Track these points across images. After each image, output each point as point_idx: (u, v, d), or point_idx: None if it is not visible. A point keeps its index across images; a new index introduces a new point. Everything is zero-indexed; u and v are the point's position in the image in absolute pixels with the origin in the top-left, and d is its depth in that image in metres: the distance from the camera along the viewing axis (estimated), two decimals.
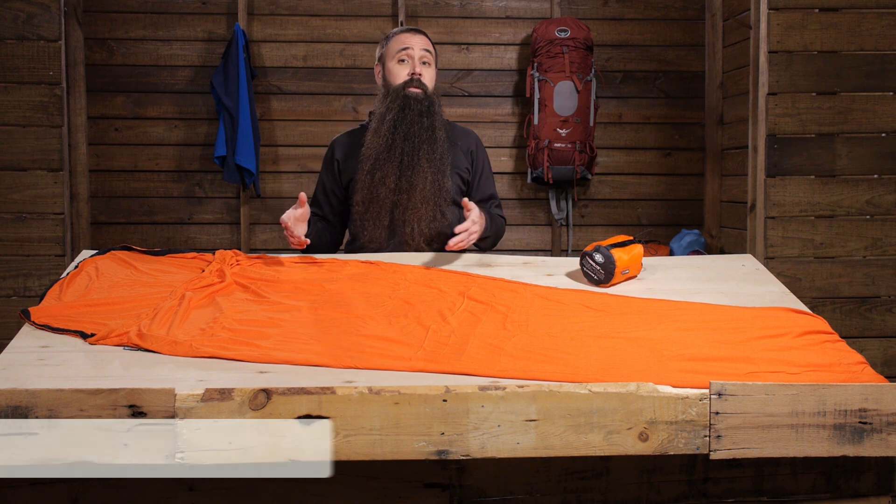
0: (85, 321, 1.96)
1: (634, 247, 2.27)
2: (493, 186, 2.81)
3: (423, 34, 2.68)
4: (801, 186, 3.40)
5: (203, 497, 1.62)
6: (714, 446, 1.56)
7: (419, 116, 2.55)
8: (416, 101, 2.56)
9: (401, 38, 2.64)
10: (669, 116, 4.55)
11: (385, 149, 2.55)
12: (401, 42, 2.62)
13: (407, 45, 2.61)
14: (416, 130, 2.54)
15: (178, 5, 4.37)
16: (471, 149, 2.75)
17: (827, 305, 3.41)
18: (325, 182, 2.74)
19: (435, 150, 2.56)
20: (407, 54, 2.59)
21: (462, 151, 2.72)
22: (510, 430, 1.54)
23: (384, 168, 2.54)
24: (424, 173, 2.54)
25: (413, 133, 2.54)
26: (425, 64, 2.62)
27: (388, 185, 2.54)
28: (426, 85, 2.60)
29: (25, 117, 3.37)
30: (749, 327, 1.92)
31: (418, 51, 2.60)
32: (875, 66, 3.41)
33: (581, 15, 4.48)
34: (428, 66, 2.63)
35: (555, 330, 1.92)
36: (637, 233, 4.42)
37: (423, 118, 2.56)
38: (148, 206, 4.40)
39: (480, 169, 2.76)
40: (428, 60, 2.63)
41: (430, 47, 2.66)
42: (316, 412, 1.51)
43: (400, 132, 2.54)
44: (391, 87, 2.61)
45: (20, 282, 3.39)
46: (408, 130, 2.54)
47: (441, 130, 2.60)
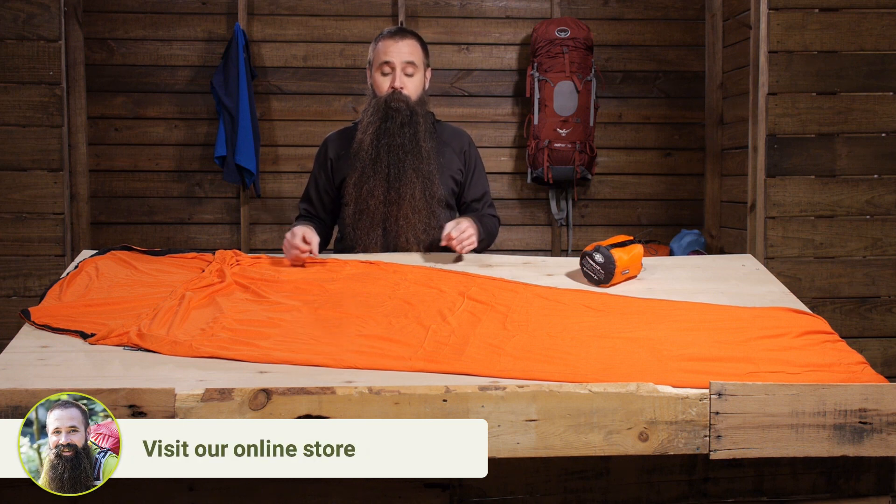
0: (85, 321, 1.96)
1: (634, 247, 2.27)
2: (485, 186, 2.79)
3: (409, 37, 2.64)
4: (801, 186, 3.40)
5: (203, 497, 1.62)
6: (714, 446, 1.56)
7: (401, 127, 2.55)
8: (397, 112, 2.56)
9: (384, 49, 2.61)
10: (669, 116, 4.55)
11: (370, 162, 2.56)
12: (384, 53, 2.60)
13: (388, 58, 2.59)
14: (399, 142, 2.55)
15: (178, 5, 4.37)
16: (464, 149, 2.74)
17: (827, 305, 3.41)
18: (319, 180, 2.74)
19: (420, 158, 2.56)
20: (389, 66, 2.59)
21: (454, 152, 2.72)
22: (510, 430, 1.54)
23: (371, 181, 2.56)
24: (412, 183, 2.55)
25: (396, 145, 2.55)
26: (409, 75, 2.60)
27: (377, 197, 2.55)
28: (408, 97, 2.59)
29: (25, 117, 3.37)
30: (749, 327, 1.92)
31: (400, 63, 2.59)
32: (875, 66, 3.40)
33: (581, 15, 4.48)
34: (412, 76, 2.61)
35: (555, 330, 1.92)
36: (637, 233, 4.42)
37: (405, 128, 2.56)
38: (148, 206, 4.40)
39: (472, 168, 2.75)
40: (412, 70, 2.60)
41: (415, 54, 2.62)
42: (316, 412, 1.51)
43: (384, 144, 2.55)
44: (375, 96, 2.62)
45: (20, 282, 3.39)
46: (391, 142, 2.55)
47: (426, 138, 2.60)
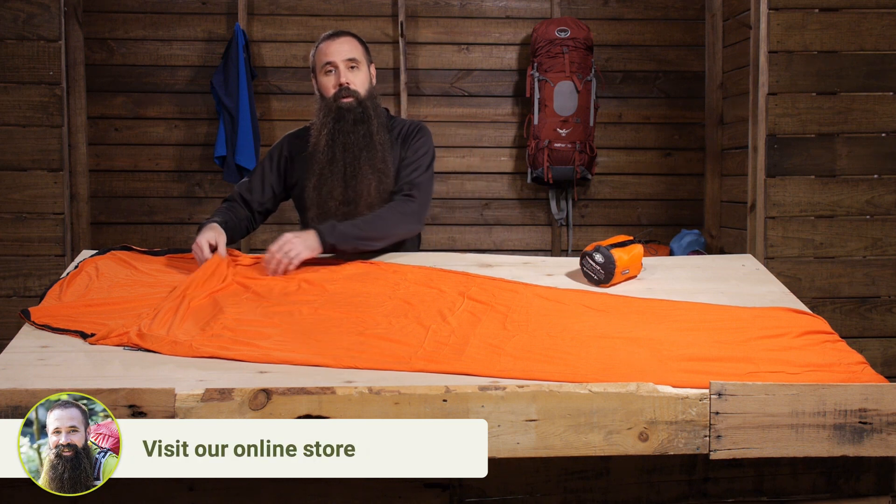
0: (85, 321, 1.96)
1: (634, 247, 2.27)
2: (412, 176, 2.60)
3: (347, 35, 2.63)
4: (801, 186, 3.40)
5: (203, 497, 1.62)
6: (714, 446, 1.56)
7: (354, 125, 2.55)
8: (348, 110, 2.55)
9: (324, 51, 2.60)
10: (669, 116, 4.55)
11: (327, 163, 2.55)
12: (324, 55, 2.59)
13: (330, 58, 2.58)
14: (353, 140, 2.54)
15: (178, 5, 4.37)
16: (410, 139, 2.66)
17: (827, 305, 3.41)
18: (267, 174, 2.69)
19: (375, 155, 2.55)
20: (332, 66, 2.59)
21: (404, 145, 2.66)
22: (510, 430, 1.54)
23: (329, 182, 2.55)
24: (368, 181, 2.54)
25: (351, 143, 2.54)
26: (352, 69, 2.60)
27: (335, 197, 2.55)
28: (356, 91, 2.57)
29: (25, 117, 3.37)
30: (749, 327, 1.92)
31: (342, 61, 2.58)
32: (875, 66, 3.40)
33: (581, 15, 4.48)
34: (356, 70, 2.59)
35: (555, 330, 1.92)
36: (637, 233, 4.42)
37: (359, 126, 2.55)
38: (148, 206, 4.40)
39: (405, 157, 2.64)
40: (355, 65, 2.59)
41: (355, 50, 2.61)
42: (316, 412, 1.51)
43: (339, 144, 2.54)
44: (324, 99, 2.61)
45: (20, 282, 3.39)
46: (346, 141, 2.54)
47: (380, 133, 2.58)
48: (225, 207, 2.64)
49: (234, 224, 2.55)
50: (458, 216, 4.54)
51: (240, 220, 2.61)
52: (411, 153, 2.63)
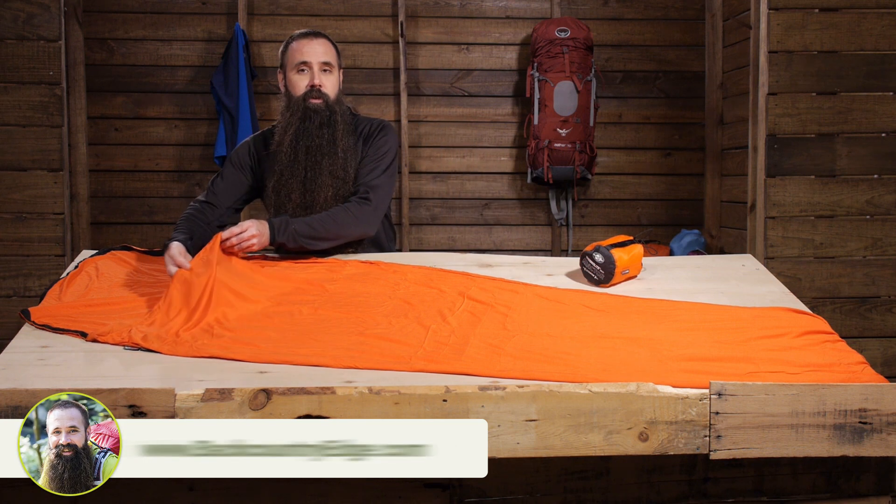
0: (85, 321, 1.96)
1: (634, 247, 2.27)
2: (370, 178, 2.58)
3: (323, 38, 2.62)
4: (801, 186, 3.40)
5: (203, 497, 1.62)
6: (714, 446, 1.56)
7: (319, 128, 2.53)
8: (315, 112, 2.53)
9: (299, 49, 2.59)
10: (669, 116, 4.55)
11: (288, 164, 2.53)
12: (299, 53, 2.58)
13: (306, 58, 2.56)
14: (317, 143, 2.52)
15: (178, 5, 4.37)
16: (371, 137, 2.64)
17: (827, 305, 3.41)
18: (231, 176, 2.65)
19: (336, 161, 2.53)
20: (306, 65, 2.57)
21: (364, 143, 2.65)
22: (510, 430, 1.54)
23: (289, 184, 2.53)
24: (326, 188, 2.52)
25: (314, 146, 2.52)
26: (325, 72, 2.58)
27: (293, 200, 2.53)
28: (326, 94, 2.56)
29: (25, 117, 3.37)
30: (749, 327, 1.92)
31: (317, 62, 2.57)
32: (875, 66, 3.40)
33: (581, 15, 4.48)
34: (329, 74, 2.58)
35: (555, 330, 1.92)
36: (637, 233, 4.42)
37: (324, 129, 2.53)
38: (148, 206, 4.40)
39: (366, 155, 2.62)
40: (328, 69, 2.59)
41: (330, 54, 2.60)
42: (316, 412, 1.51)
43: (302, 146, 2.52)
44: (292, 98, 2.59)
45: (20, 282, 3.39)
46: (309, 144, 2.52)
47: (344, 139, 2.56)
48: (191, 215, 2.56)
49: (200, 233, 2.48)
50: (458, 216, 4.54)
51: (208, 225, 2.55)
52: (372, 152, 2.61)
